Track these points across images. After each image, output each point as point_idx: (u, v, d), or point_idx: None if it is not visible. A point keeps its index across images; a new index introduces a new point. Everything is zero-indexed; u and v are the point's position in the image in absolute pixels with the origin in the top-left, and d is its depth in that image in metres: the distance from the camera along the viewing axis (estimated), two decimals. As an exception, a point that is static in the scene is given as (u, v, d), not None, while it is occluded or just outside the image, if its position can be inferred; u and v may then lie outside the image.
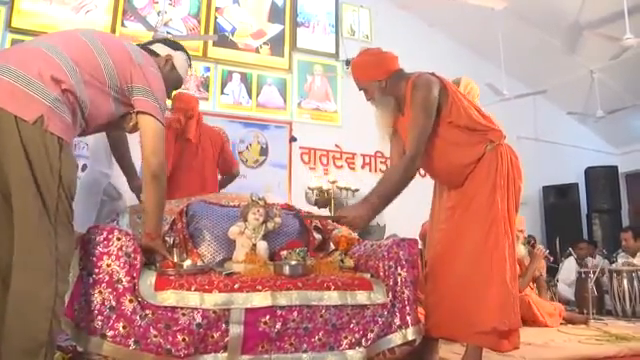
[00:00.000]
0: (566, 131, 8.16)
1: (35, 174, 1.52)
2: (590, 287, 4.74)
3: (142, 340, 1.77)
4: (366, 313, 2.10)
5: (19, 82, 1.55)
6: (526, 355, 2.53)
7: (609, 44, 5.75)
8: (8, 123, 1.51)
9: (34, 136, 1.52)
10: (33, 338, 1.47)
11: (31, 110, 1.53)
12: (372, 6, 7.03)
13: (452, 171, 2.36)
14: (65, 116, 1.61)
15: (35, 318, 1.48)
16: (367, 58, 2.46)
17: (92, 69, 1.73)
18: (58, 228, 1.56)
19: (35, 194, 1.51)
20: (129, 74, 1.83)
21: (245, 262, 2.24)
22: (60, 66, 1.64)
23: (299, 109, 6.39)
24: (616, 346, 2.96)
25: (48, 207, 1.53)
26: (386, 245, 2.30)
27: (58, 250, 1.54)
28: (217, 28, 6.19)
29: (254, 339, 1.89)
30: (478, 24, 6.69)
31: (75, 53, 1.71)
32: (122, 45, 1.89)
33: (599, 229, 7.65)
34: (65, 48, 1.70)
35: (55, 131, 1.56)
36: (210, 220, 2.47)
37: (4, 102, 1.51)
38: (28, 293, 1.48)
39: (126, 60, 1.84)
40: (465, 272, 2.21)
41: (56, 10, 5.46)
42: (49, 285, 1.51)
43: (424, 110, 2.24)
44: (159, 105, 1.89)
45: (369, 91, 2.42)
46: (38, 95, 1.55)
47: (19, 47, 1.72)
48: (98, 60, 1.76)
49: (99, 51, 1.77)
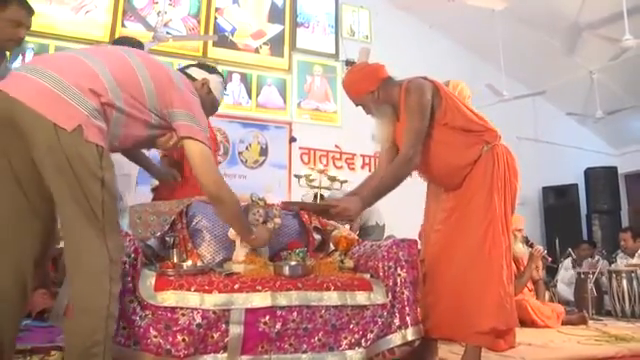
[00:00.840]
0: (566, 132, 8.16)
1: (77, 182, 1.53)
2: (589, 288, 4.75)
3: (142, 340, 1.77)
4: (366, 313, 2.10)
5: (58, 88, 1.55)
6: (525, 355, 2.54)
7: (608, 45, 5.77)
8: (47, 131, 1.51)
9: (74, 144, 1.53)
10: (90, 337, 1.50)
11: (70, 118, 1.53)
12: (372, 7, 7.04)
13: (450, 173, 2.36)
14: (102, 125, 1.62)
15: (92, 317, 1.52)
16: (354, 75, 2.49)
17: (133, 89, 1.73)
18: (107, 229, 1.58)
19: (78, 200, 1.53)
20: (170, 98, 1.82)
21: (245, 262, 2.24)
22: (102, 80, 1.64)
23: (299, 109, 6.40)
24: (615, 347, 2.97)
25: (95, 211, 1.55)
26: (386, 246, 2.30)
27: (109, 250, 1.57)
28: (217, 28, 6.20)
29: (254, 339, 1.90)
30: (478, 25, 6.69)
31: (118, 71, 1.70)
32: (164, 68, 1.89)
33: (599, 230, 7.66)
34: (108, 64, 1.69)
35: (94, 140, 1.57)
36: (210, 220, 2.47)
37: (43, 108, 1.52)
38: (83, 294, 1.53)
39: (168, 84, 1.83)
40: (463, 272, 2.22)
41: (55, 10, 5.47)
42: (103, 285, 1.54)
43: (418, 113, 2.26)
44: (202, 128, 1.88)
45: (366, 105, 2.43)
46: (76, 103, 1.56)
47: (61, 55, 1.73)
48: (140, 81, 1.75)
49: (142, 73, 1.76)
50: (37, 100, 1.52)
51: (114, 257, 1.59)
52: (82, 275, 1.54)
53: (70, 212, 1.55)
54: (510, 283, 2.23)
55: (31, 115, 1.51)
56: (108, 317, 1.53)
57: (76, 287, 1.54)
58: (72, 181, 1.53)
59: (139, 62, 1.79)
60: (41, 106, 1.51)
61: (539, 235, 7.74)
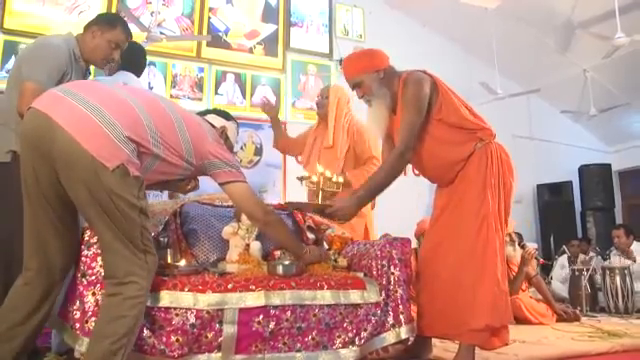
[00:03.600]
0: (560, 129, 8.19)
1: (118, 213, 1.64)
2: (583, 284, 4.78)
3: (136, 341, 1.77)
4: (359, 312, 2.11)
5: (102, 122, 1.62)
6: (519, 353, 2.55)
7: (601, 43, 5.79)
8: (86, 165, 1.59)
9: (114, 182, 1.61)
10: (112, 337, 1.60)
11: (113, 157, 1.61)
12: (365, 6, 7.03)
13: (441, 169, 2.37)
14: (138, 162, 1.71)
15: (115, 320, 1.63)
16: (361, 52, 2.51)
17: (172, 140, 1.83)
18: (146, 247, 1.71)
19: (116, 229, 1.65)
20: (206, 151, 1.94)
21: (239, 262, 2.25)
22: (144, 127, 1.74)
23: (293, 109, 6.40)
24: (608, 343, 2.98)
25: (135, 236, 1.68)
26: (379, 244, 2.31)
27: (148, 265, 1.71)
28: (211, 28, 6.18)
29: (248, 339, 1.90)
30: (471, 23, 6.71)
31: (159, 120, 1.80)
32: (199, 124, 2.00)
33: (593, 227, 7.69)
34: (148, 110, 1.79)
35: (134, 173, 1.67)
36: (204, 220, 2.48)
37: (89, 144, 1.59)
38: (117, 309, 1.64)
39: (203, 138, 1.95)
40: (456, 270, 2.23)
41: (49, 11, 5.44)
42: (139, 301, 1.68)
43: (414, 107, 2.26)
44: (236, 168, 2.02)
45: (365, 84, 2.40)
46: (119, 142, 1.63)
47: (100, 87, 1.80)
48: (178, 133, 1.85)
49: (179, 126, 1.87)
50: (78, 129, 1.59)
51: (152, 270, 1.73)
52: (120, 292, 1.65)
53: (109, 235, 1.66)
54: (504, 280, 2.24)
55: (70, 144, 1.57)
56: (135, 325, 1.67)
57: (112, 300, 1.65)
58: (112, 212, 1.64)
59: (176, 113, 1.89)
60: (88, 143, 1.58)
61: (534, 232, 7.77)
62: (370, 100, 2.42)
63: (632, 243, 5.38)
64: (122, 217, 1.64)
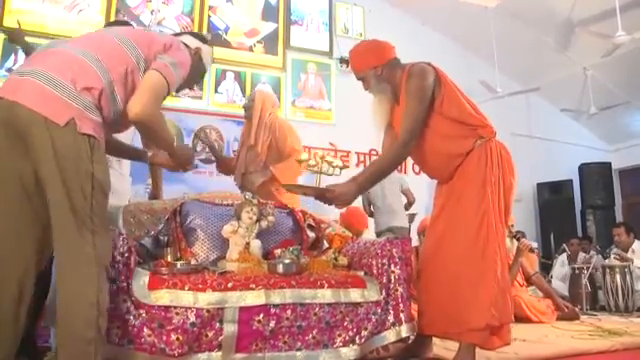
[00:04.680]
0: (560, 128, 8.19)
1: (67, 176, 1.54)
2: (584, 283, 4.78)
3: (136, 339, 1.78)
4: (360, 311, 2.11)
5: (50, 85, 1.57)
6: (519, 351, 2.54)
7: (601, 41, 5.78)
8: (39, 126, 1.53)
9: (65, 138, 1.54)
10: (82, 336, 1.49)
11: (62, 113, 1.55)
12: (365, 4, 7.03)
13: (439, 163, 2.37)
14: (96, 117, 1.63)
15: (81, 316, 1.51)
16: (363, 46, 2.51)
17: (122, 64, 1.73)
18: (96, 226, 1.58)
19: (68, 196, 1.53)
20: (155, 50, 1.82)
21: (239, 261, 2.25)
22: (94, 71, 1.66)
23: (293, 107, 6.39)
24: (609, 341, 2.98)
25: (84, 207, 1.55)
26: (379, 243, 2.31)
27: (97, 248, 1.57)
28: (210, 27, 6.17)
29: (248, 337, 1.90)
30: (471, 22, 6.70)
31: (106, 53, 1.71)
32: (150, 34, 1.91)
33: (593, 225, 7.69)
34: (98, 51, 1.71)
35: (87, 131, 1.58)
36: (204, 219, 2.47)
37: (36, 104, 1.54)
38: (72, 293, 1.52)
39: (152, 41, 1.84)
40: (456, 269, 2.21)
41: (48, 9, 5.43)
42: (91, 283, 1.54)
43: (418, 98, 2.26)
44: (175, 72, 1.85)
45: (366, 79, 2.43)
46: (69, 99, 1.57)
47: (53, 51, 1.72)
48: (127, 53, 1.76)
49: (126, 44, 1.77)
50: (32, 99, 1.54)
51: (101, 257, 1.59)
52: (70, 273, 1.53)
53: (59, 208, 1.54)
54: (505, 278, 2.22)
55: (26, 113, 1.53)
56: (99, 315, 1.53)
57: (65, 286, 1.53)
58: (62, 177, 1.53)
59: (123, 37, 1.79)
60: (34, 104, 1.53)
61: (534, 231, 7.77)
62: (372, 93, 2.46)
63: (633, 242, 5.38)
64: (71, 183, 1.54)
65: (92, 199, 1.58)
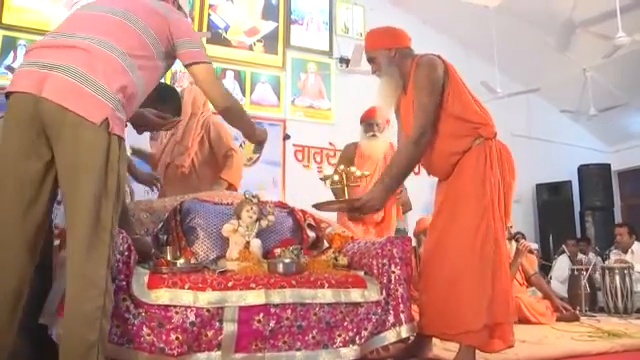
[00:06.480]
0: (559, 129, 8.19)
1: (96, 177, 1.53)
2: (583, 284, 4.77)
3: (135, 339, 1.77)
4: (360, 311, 2.10)
5: (82, 82, 1.55)
6: (519, 352, 2.53)
7: (602, 42, 5.78)
8: (72, 124, 1.52)
9: (99, 138, 1.54)
10: (86, 338, 1.48)
11: (98, 112, 1.54)
12: (366, 3, 7.02)
13: (437, 159, 2.36)
14: (123, 116, 1.63)
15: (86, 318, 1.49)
16: (382, 28, 2.53)
17: (141, 50, 1.73)
18: (114, 228, 1.58)
19: (95, 196, 1.52)
20: (168, 33, 1.82)
21: (239, 260, 2.24)
22: (122, 67, 1.65)
23: (293, 107, 6.38)
24: (608, 342, 2.98)
25: (107, 207, 1.55)
26: (380, 243, 2.30)
27: (111, 249, 1.57)
28: (210, 25, 6.17)
29: (248, 337, 1.89)
30: (471, 22, 6.70)
31: (125, 43, 1.69)
32: (149, 7, 1.85)
33: (592, 226, 7.69)
34: (116, 41, 1.67)
35: (117, 132, 1.59)
36: (204, 218, 2.47)
37: (71, 103, 1.52)
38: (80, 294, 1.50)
39: (161, 21, 1.82)
40: (455, 269, 2.19)
41: (48, 6, 5.42)
42: (100, 285, 1.52)
43: (427, 89, 2.26)
44: (199, 47, 1.91)
45: (377, 60, 2.44)
46: (103, 98, 1.56)
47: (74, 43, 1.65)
48: (143, 38, 1.75)
49: (139, 26, 1.75)
50: (63, 95, 1.53)
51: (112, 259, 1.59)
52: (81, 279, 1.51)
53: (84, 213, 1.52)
54: (505, 278, 2.21)
55: (56, 110, 1.51)
56: (103, 317, 1.51)
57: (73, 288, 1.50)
58: (93, 177, 1.53)
59: (130, 16, 1.75)
60: (70, 102, 1.52)
61: (533, 232, 7.77)
62: (380, 75, 2.46)
63: (633, 243, 5.38)
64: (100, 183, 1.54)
65: (116, 199, 1.58)
